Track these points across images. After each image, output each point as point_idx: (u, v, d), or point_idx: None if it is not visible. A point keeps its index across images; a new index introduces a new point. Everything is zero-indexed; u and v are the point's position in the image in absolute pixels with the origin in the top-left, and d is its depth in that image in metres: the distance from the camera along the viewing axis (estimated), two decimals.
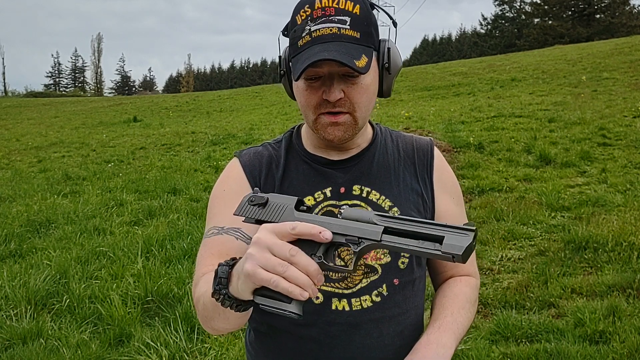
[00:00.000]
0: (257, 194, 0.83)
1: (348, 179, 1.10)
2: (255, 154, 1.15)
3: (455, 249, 0.68)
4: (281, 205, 0.80)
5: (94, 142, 12.99)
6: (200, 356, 3.13)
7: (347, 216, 0.76)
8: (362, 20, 0.98)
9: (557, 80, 14.28)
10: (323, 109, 1.01)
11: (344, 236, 0.76)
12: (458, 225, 0.70)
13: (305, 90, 1.02)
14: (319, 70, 0.97)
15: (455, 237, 0.68)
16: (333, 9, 0.97)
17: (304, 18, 0.98)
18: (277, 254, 0.71)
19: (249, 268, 0.72)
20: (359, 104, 1.02)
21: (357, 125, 1.04)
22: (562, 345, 2.97)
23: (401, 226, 0.73)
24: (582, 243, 4.34)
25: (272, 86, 27.36)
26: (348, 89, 1.00)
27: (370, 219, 0.75)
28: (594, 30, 42.79)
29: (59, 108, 25.45)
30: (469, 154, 7.81)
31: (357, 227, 0.75)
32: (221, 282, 0.79)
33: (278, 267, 0.70)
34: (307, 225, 0.73)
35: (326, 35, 0.96)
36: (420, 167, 1.15)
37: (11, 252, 5.06)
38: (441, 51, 65.66)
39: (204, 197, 6.74)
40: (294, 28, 1.00)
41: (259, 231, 0.75)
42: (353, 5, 0.97)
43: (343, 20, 0.97)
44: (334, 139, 1.04)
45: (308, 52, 0.96)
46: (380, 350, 1.06)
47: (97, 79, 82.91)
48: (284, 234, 0.73)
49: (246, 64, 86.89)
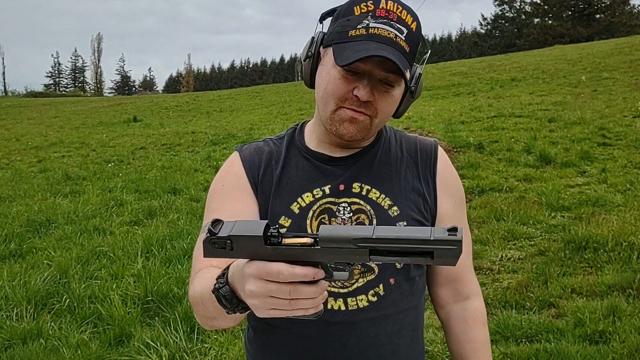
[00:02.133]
0: (216, 236, 0.72)
1: (348, 176, 1.09)
2: (256, 149, 1.14)
3: (446, 262, 0.69)
4: (249, 244, 0.71)
5: (94, 142, 12.98)
6: (200, 356, 3.13)
7: (325, 237, 0.70)
8: (415, 37, 1.00)
9: (557, 80, 14.28)
10: (347, 103, 1.01)
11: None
12: (443, 238, 0.67)
13: (338, 79, 1.00)
14: (362, 65, 0.97)
15: (443, 250, 0.68)
16: (396, 15, 0.98)
17: (364, 11, 0.98)
18: (279, 297, 0.71)
19: (261, 315, 0.74)
20: (382, 113, 1.02)
21: (370, 130, 1.04)
22: (562, 345, 2.97)
23: (385, 247, 0.70)
24: (582, 243, 4.34)
25: (272, 86, 27.36)
26: (379, 95, 1.00)
27: (350, 237, 0.69)
28: (594, 30, 42.78)
29: (59, 108, 25.45)
30: (469, 154, 7.81)
31: (344, 255, 0.71)
32: (231, 302, 0.80)
33: (287, 306, 0.71)
34: (296, 270, 0.69)
35: (383, 36, 0.96)
36: (423, 167, 1.14)
37: (11, 252, 5.06)
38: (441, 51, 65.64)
39: (203, 197, 6.73)
40: (347, 17, 1.00)
41: (248, 281, 0.72)
42: (412, 21, 1.00)
43: (401, 29, 0.98)
44: (346, 134, 1.03)
45: (363, 44, 0.96)
46: (377, 349, 1.06)
47: (97, 79, 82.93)
48: (272, 277, 0.70)
49: (246, 64, 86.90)
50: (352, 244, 0.69)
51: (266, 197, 1.09)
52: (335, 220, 1.06)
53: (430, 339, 3.15)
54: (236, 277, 0.78)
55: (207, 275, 0.93)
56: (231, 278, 0.80)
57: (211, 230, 0.72)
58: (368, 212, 1.07)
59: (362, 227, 0.71)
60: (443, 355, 3.01)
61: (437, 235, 0.67)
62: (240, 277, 0.75)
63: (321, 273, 0.71)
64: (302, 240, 0.71)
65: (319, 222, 1.06)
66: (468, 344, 1.15)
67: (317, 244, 0.70)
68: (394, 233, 0.69)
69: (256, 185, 1.10)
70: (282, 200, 1.08)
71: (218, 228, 0.72)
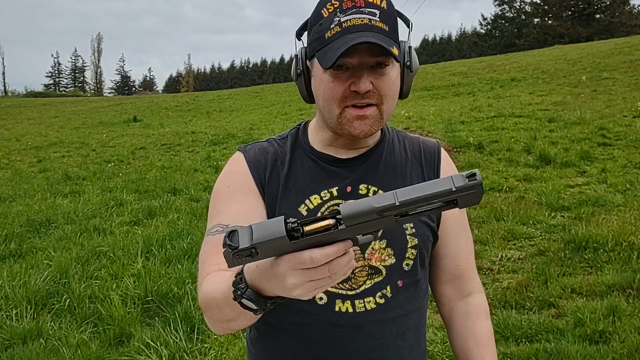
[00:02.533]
0: (238, 249, 0.69)
1: (355, 178, 1.09)
2: (261, 150, 1.13)
3: (471, 204, 0.71)
4: (275, 246, 0.70)
5: (94, 142, 12.98)
6: (200, 356, 3.13)
7: (348, 215, 0.69)
8: (389, 15, 0.99)
9: (557, 80, 14.28)
10: (349, 101, 1.00)
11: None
12: (465, 184, 0.68)
13: (332, 82, 1.00)
14: (348, 60, 0.97)
15: (467, 196, 0.70)
16: (363, 1, 0.97)
17: (331, 10, 0.98)
18: (319, 278, 0.72)
19: (309, 297, 0.75)
20: (387, 96, 1.01)
21: (382, 120, 1.03)
22: (562, 345, 2.97)
23: (410, 210, 0.70)
24: (582, 243, 4.34)
25: (272, 86, 27.36)
26: (377, 80, 0.99)
27: (374, 209, 0.69)
28: (593, 30, 42.77)
29: (59, 108, 25.44)
30: (469, 154, 7.81)
31: (370, 227, 0.71)
32: (258, 302, 0.79)
33: (329, 281, 0.73)
34: (328, 250, 0.70)
35: (358, 25, 0.96)
36: (427, 168, 1.14)
37: (11, 252, 5.06)
38: (441, 51, 65.64)
39: (204, 197, 6.74)
40: (318, 22, 1.00)
41: (287, 277, 0.72)
42: (381, 0, 0.98)
43: (373, 12, 0.97)
44: (359, 133, 1.02)
45: (340, 40, 0.95)
46: (382, 352, 1.06)
47: (97, 79, 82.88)
48: (307, 264, 0.70)
49: (246, 64, 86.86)
50: (377, 215, 0.70)
51: (273, 198, 1.08)
52: None
53: (430, 339, 3.15)
54: (260, 276, 0.77)
55: (218, 278, 0.92)
56: (251, 280, 0.78)
57: (230, 245, 0.69)
58: None
59: (383, 196, 0.70)
60: (443, 355, 3.01)
61: (458, 183, 0.69)
62: (271, 276, 0.74)
63: (350, 244, 0.72)
64: (324, 223, 0.70)
65: None
66: (472, 339, 1.14)
67: (340, 223, 0.70)
68: (417, 193, 0.69)
69: (263, 186, 1.08)
70: (289, 201, 1.07)
71: (236, 239, 0.70)
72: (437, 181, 0.70)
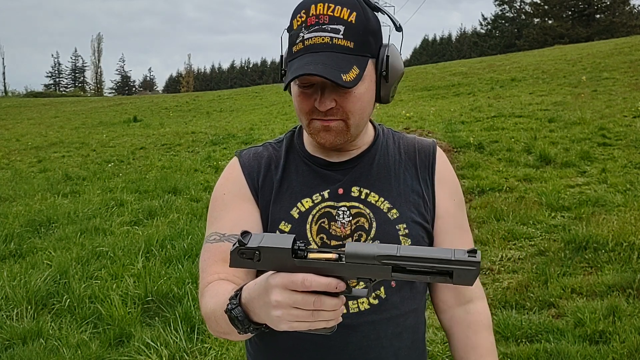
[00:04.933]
0: (245, 247, 0.75)
1: (347, 181, 1.09)
2: (255, 155, 1.14)
3: (465, 282, 0.73)
4: (277, 257, 0.74)
5: (94, 142, 12.98)
6: (200, 356, 3.13)
7: (351, 253, 0.73)
8: (358, 28, 0.96)
9: (557, 80, 14.28)
10: (315, 115, 1.01)
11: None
12: (463, 258, 0.71)
13: (299, 97, 1.01)
14: (310, 78, 0.96)
15: (463, 271, 0.72)
16: (327, 17, 0.95)
17: (299, 24, 0.97)
18: (303, 307, 0.74)
19: (284, 327, 0.76)
20: (352, 112, 1.01)
21: (349, 132, 1.03)
22: (562, 345, 2.97)
23: (408, 265, 0.73)
24: (582, 243, 4.34)
25: (272, 86, 27.35)
26: (340, 98, 0.98)
27: (375, 254, 0.73)
28: (594, 30, 42.76)
29: (59, 108, 25.44)
30: (469, 154, 7.81)
31: (367, 271, 0.75)
32: (243, 323, 0.82)
33: (310, 317, 0.74)
34: (321, 280, 0.73)
35: (317, 44, 0.94)
36: (422, 169, 1.14)
37: (11, 252, 5.06)
38: (441, 51, 65.63)
39: (204, 197, 6.74)
40: (291, 31, 1.00)
41: (274, 291, 0.74)
42: (349, 13, 0.95)
43: (336, 29, 0.95)
44: (325, 143, 1.04)
45: (299, 61, 0.95)
46: (378, 352, 1.06)
47: (97, 79, 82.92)
48: (297, 286, 0.73)
49: (246, 64, 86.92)
50: (377, 261, 0.73)
51: (266, 203, 1.09)
52: (334, 224, 1.07)
53: (430, 339, 3.15)
54: (253, 296, 0.80)
55: (219, 291, 0.95)
56: (245, 299, 0.82)
57: (241, 241, 0.75)
58: (367, 216, 1.07)
59: (387, 245, 0.74)
60: (443, 355, 3.01)
61: (458, 256, 0.72)
62: (262, 292, 0.77)
63: (343, 284, 0.74)
64: (327, 255, 0.75)
65: (319, 226, 1.07)
66: (473, 351, 1.12)
67: (342, 259, 0.74)
68: (418, 252, 0.73)
69: (256, 191, 1.10)
70: (282, 205, 1.08)
71: (247, 239, 0.76)
72: (439, 248, 0.75)
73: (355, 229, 1.06)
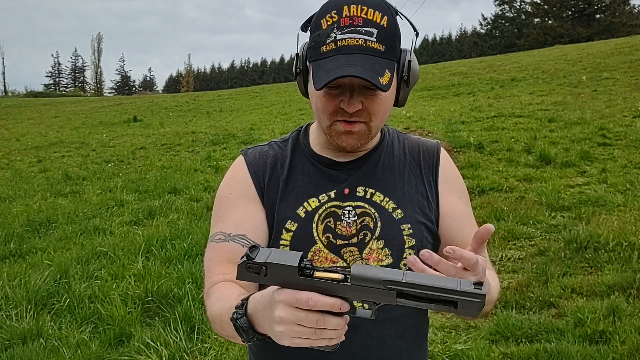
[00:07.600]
0: (253, 262, 0.76)
1: (353, 181, 1.10)
2: (261, 154, 1.14)
3: (469, 313, 0.72)
4: (283, 273, 0.75)
5: (94, 142, 12.98)
6: (200, 356, 3.13)
7: (356, 276, 0.74)
8: (389, 32, 0.97)
9: (557, 80, 14.27)
10: (339, 116, 1.02)
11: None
12: (469, 290, 0.71)
13: (324, 97, 1.01)
14: (340, 80, 0.96)
15: (468, 302, 0.71)
16: (361, 19, 0.95)
17: (329, 24, 0.97)
18: (306, 325, 0.74)
19: (286, 343, 0.77)
20: (376, 115, 1.02)
21: (370, 134, 1.05)
22: (562, 345, 2.97)
23: (413, 292, 0.73)
24: (582, 243, 4.34)
25: (272, 86, 27.35)
26: (367, 100, 1.00)
27: (380, 278, 0.73)
28: (594, 30, 42.74)
29: (59, 108, 25.44)
30: (469, 154, 7.81)
31: (372, 294, 0.75)
32: (247, 333, 0.83)
33: (312, 335, 0.75)
34: (325, 299, 0.74)
35: (352, 46, 0.95)
36: (426, 169, 1.14)
37: (11, 252, 5.06)
38: (441, 51, 65.61)
39: (204, 197, 6.74)
40: (317, 31, 0.99)
41: (278, 307, 0.75)
42: (381, 17, 0.96)
43: (370, 32, 0.96)
44: (346, 146, 1.05)
45: (332, 61, 0.95)
46: (381, 351, 1.06)
47: (97, 79, 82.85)
48: (302, 304, 0.74)
49: (246, 64, 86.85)
50: (382, 285, 0.73)
51: (272, 202, 1.09)
52: (340, 224, 1.07)
53: (431, 339, 3.15)
54: (259, 308, 0.80)
55: (225, 294, 0.95)
56: (251, 310, 0.82)
57: (248, 255, 0.76)
58: (372, 215, 1.08)
59: (393, 270, 0.74)
60: (443, 355, 3.01)
61: (464, 287, 0.71)
62: (267, 306, 0.78)
63: (347, 305, 0.75)
64: (333, 275, 0.75)
65: (325, 225, 1.07)
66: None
67: (348, 280, 0.74)
68: (423, 280, 0.72)
69: (262, 190, 1.10)
70: (288, 204, 1.09)
71: (255, 254, 0.76)
72: (445, 277, 0.74)
73: (360, 229, 1.07)
